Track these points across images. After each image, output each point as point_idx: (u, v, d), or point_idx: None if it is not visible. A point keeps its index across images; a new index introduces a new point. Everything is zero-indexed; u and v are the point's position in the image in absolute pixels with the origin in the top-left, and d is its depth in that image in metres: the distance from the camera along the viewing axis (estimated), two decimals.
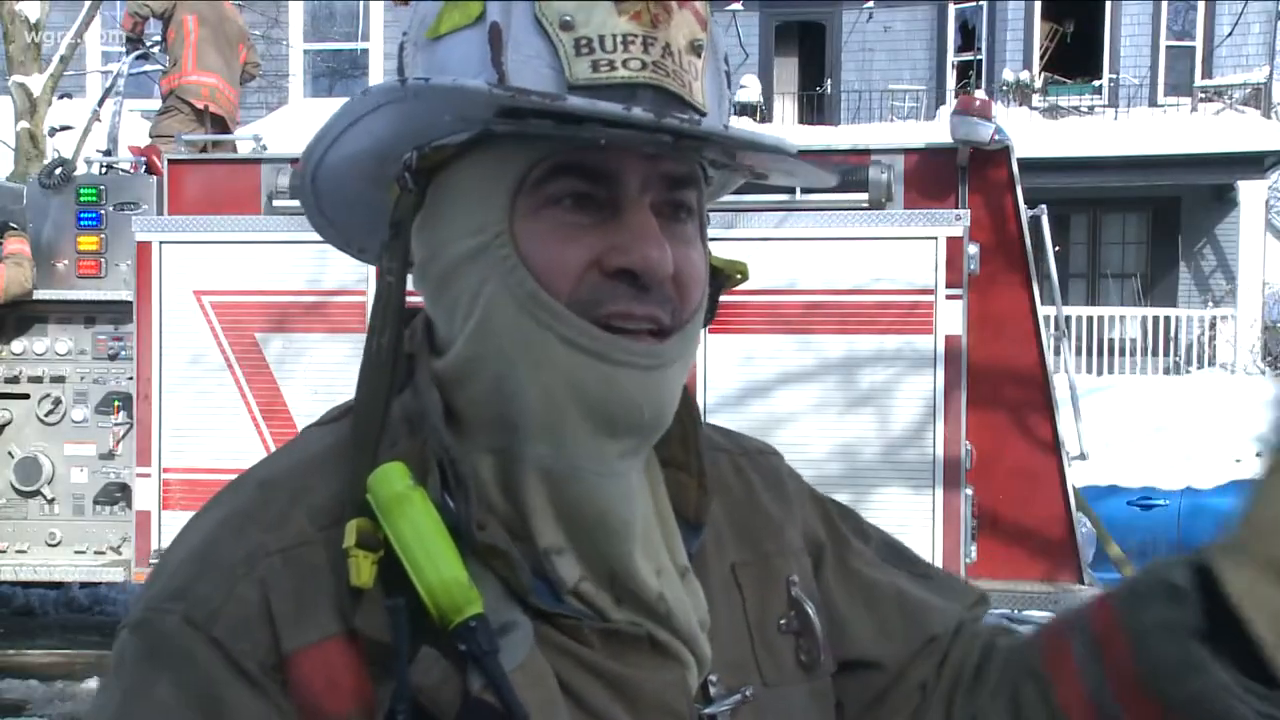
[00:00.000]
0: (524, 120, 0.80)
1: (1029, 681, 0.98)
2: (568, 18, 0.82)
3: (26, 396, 6.58)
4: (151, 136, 7.73)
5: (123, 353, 6.46)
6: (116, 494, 6.46)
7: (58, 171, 6.58)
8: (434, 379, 0.88)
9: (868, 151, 6.02)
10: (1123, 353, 15.32)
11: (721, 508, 1.00)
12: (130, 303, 6.24)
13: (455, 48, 0.85)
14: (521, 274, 0.83)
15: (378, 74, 17.37)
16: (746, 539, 1.02)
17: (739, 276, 0.97)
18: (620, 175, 0.84)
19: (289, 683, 0.80)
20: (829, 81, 18.71)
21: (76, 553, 6.52)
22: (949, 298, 5.61)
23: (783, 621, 1.00)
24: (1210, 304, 16.56)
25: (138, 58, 8.07)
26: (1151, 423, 9.35)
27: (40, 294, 6.49)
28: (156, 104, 8.18)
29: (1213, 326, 15.80)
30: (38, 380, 6.59)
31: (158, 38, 8.11)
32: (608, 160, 0.83)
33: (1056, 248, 6.78)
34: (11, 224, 6.47)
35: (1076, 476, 6.32)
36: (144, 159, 6.81)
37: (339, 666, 0.80)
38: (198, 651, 0.80)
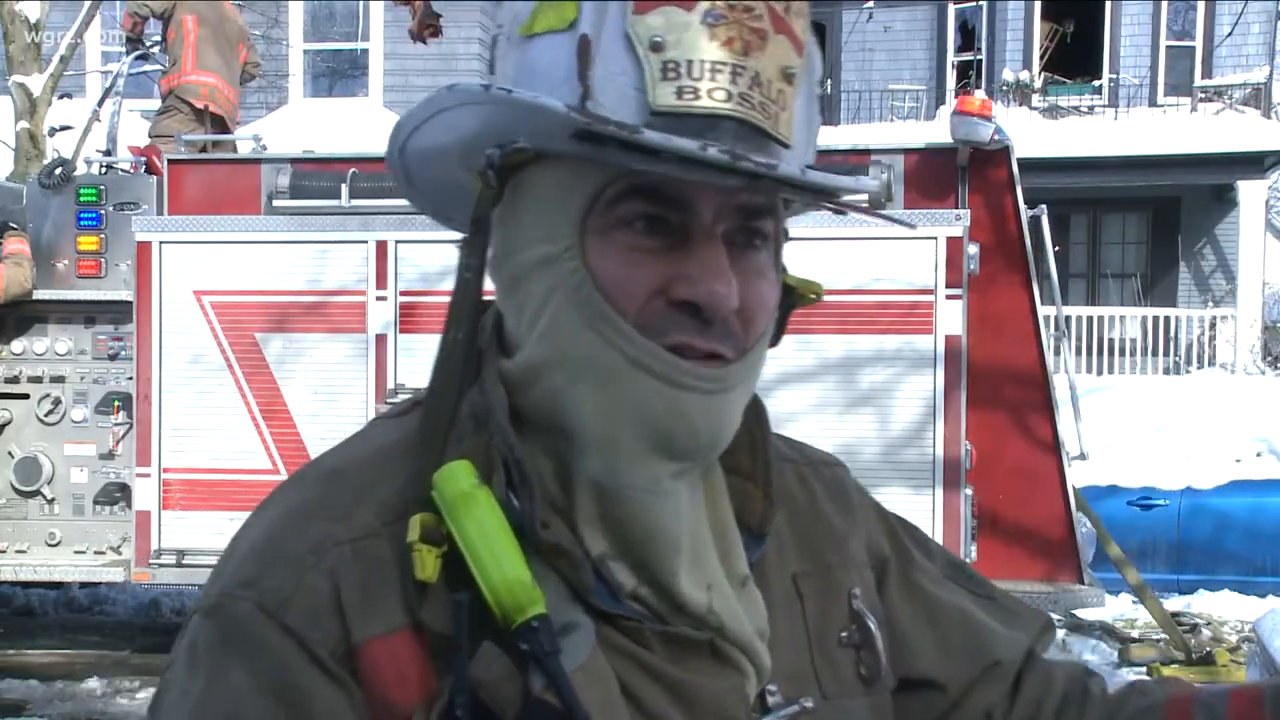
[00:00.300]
0: (598, 145, 0.80)
1: None
2: (658, 38, 0.80)
3: (26, 396, 6.58)
4: (151, 136, 7.73)
5: (123, 353, 6.46)
6: (116, 494, 6.46)
7: (58, 171, 6.58)
8: (500, 377, 0.88)
9: (868, 151, 6.02)
10: (1123, 353, 15.32)
11: (784, 517, 0.99)
12: (130, 303, 6.24)
13: (545, 51, 0.84)
14: (589, 290, 0.83)
15: (377, 74, 17.37)
16: (809, 550, 1.01)
17: (813, 296, 0.98)
18: (694, 204, 0.83)
19: (359, 672, 0.81)
20: (829, 81, 18.72)
21: (76, 553, 6.52)
22: (949, 298, 5.61)
23: (844, 634, 0.99)
24: (1210, 304, 16.56)
25: (137, 58, 8.06)
26: (1151, 423, 9.35)
27: (40, 294, 6.49)
28: (156, 104, 8.18)
29: (1213, 326, 15.80)
30: (38, 380, 6.58)
31: (157, 37, 8.10)
32: (682, 188, 0.83)
33: (1056, 248, 6.78)
34: (11, 224, 6.47)
35: (1076, 476, 6.32)
36: (144, 159, 6.80)
37: (406, 658, 0.81)
38: (271, 638, 0.81)
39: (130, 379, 6.33)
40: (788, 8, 0.84)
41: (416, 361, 5.93)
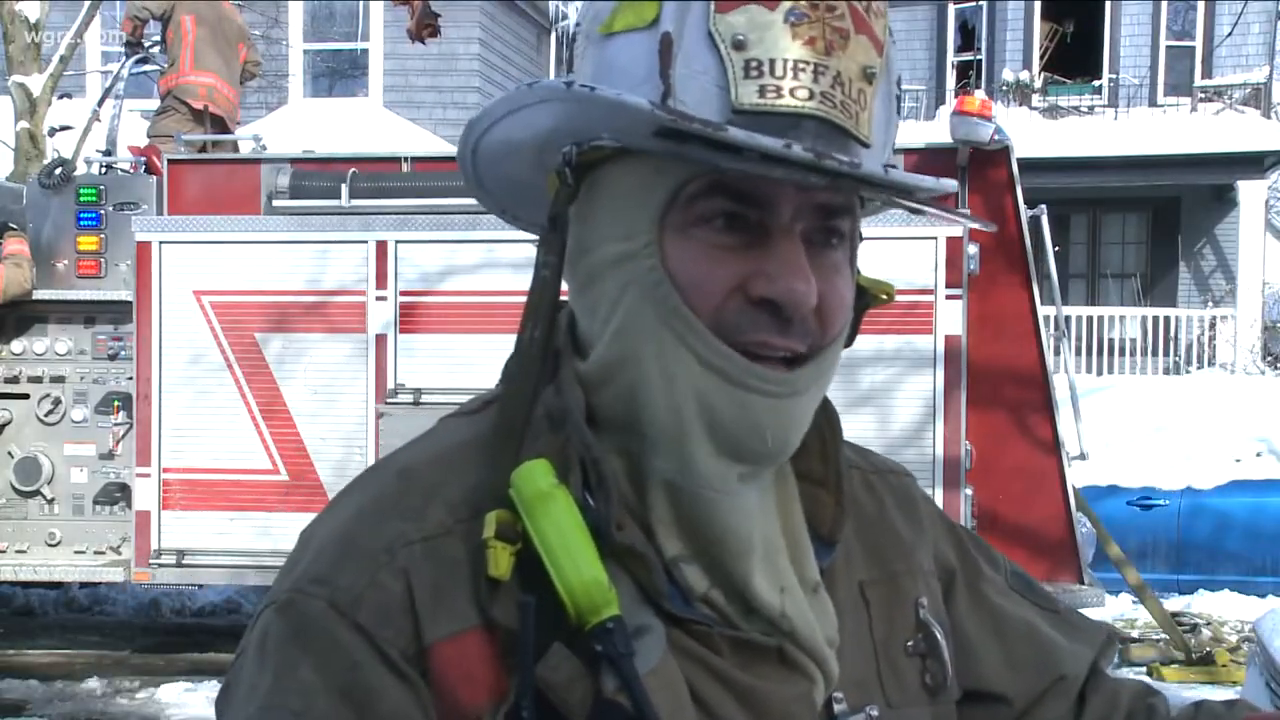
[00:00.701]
0: (681, 143, 0.79)
1: None
2: (741, 36, 0.80)
3: (26, 396, 6.59)
4: (150, 136, 7.72)
5: (122, 353, 6.46)
6: (116, 494, 6.46)
7: (58, 171, 6.58)
8: (576, 377, 0.88)
9: None
10: (1123, 353, 15.32)
11: (852, 525, 0.99)
12: (130, 303, 6.24)
13: (625, 49, 0.84)
14: (666, 288, 0.83)
15: (377, 74, 17.37)
16: (876, 558, 1.01)
17: (884, 296, 0.97)
18: (774, 202, 0.84)
19: (429, 673, 0.81)
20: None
21: (76, 553, 6.52)
22: (949, 298, 5.61)
23: (909, 643, 0.99)
24: (1210, 304, 16.56)
25: (137, 61, 8.06)
26: (1151, 423, 9.35)
27: (40, 294, 6.49)
28: (156, 104, 8.17)
29: (1212, 326, 15.80)
30: (37, 380, 6.59)
31: (157, 38, 8.10)
32: (762, 186, 0.83)
33: (1056, 248, 6.78)
34: (11, 224, 6.47)
35: (1076, 476, 6.32)
36: (144, 159, 6.80)
37: (476, 659, 0.81)
38: (342, 636, 0.80)
39: (130, 379, 6.33)
40: (869, 7, 0.84)
41: (416, 361, 5.93)
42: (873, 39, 0.84)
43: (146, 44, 8.06)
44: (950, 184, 0.88)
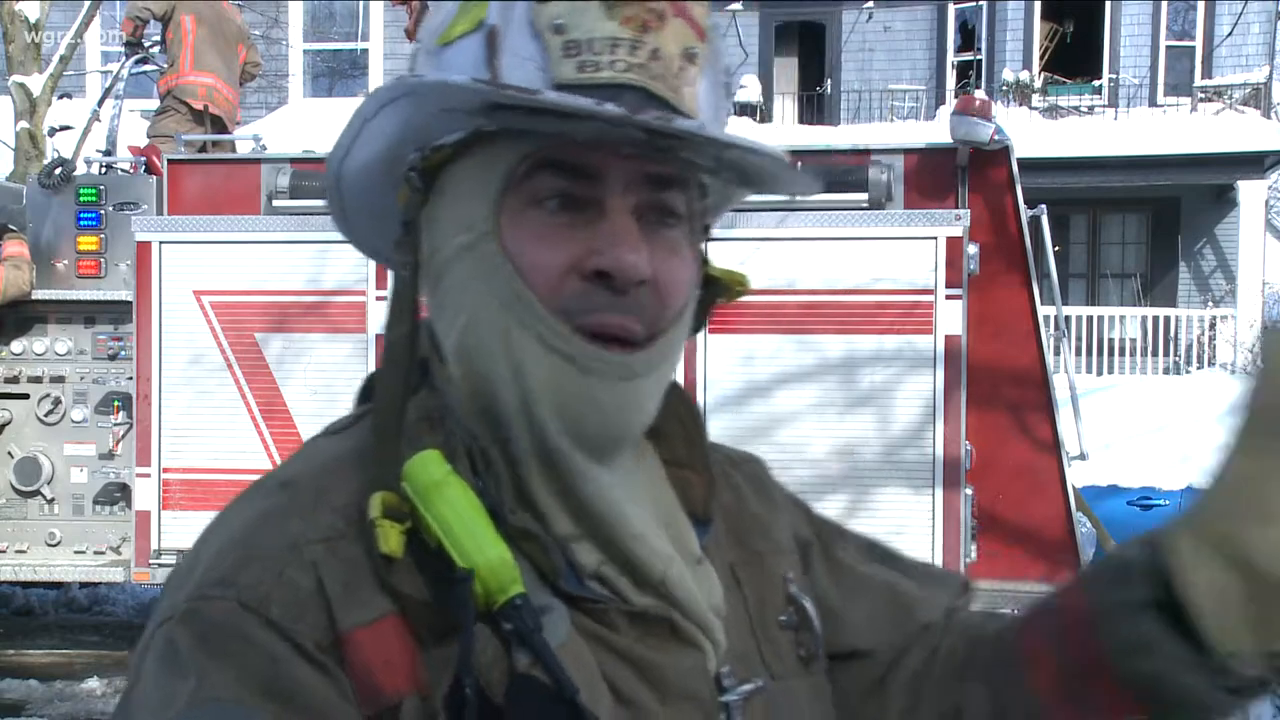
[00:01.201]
0: (508, 115, 0.83)
1: (1006, 668, 0.98)
2: (560, 21, 0.84)
3: (26, 396, 6.58)
4: (149, 136, 7.73)
5: (122, 353, 6.46)
6: (116, 494, 6.46)
7: (58, 171, 6.58)
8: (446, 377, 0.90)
9: (867, 151, 6.02)
10: (1123, 353, 15.32)
11: (718, 510, 1.02)
12: (130, 303, 6.24)
13: (458, 53, 0.88)
14: (507, 272, 0.86)
15: (377, 74, 17.37)
16: (740, 539, 1.04)
17: (738, 289, 0.99)
18: (602, 174, 0.85)
19: (346, 662, 0.80)
20: (829, 82, 18.71)
21: (76, 553, 6.52)
22: (949, 298, 5.61)
23: (782, 618, 1.02)
24: (1210, 304, 16.56)
25: (137, 61, 8.06)
26: (1151, 423, 9.35)
27: (40, 294, 6.49)
28: (156, 104, 8.17)
29: (1213, 326, 15.80)
30: (37, 380, 6.58)
31: (157, 38, 8.10)
32: (590, 158, 0.85)
33: (1056, 248, 6.78)
34: (11, 226, 6.47)
35: (1076, 476, 6.32)
36: (144, 159, 6.80)
37: (395, 645, 0.81)
38: (255, 634, 0.79)
39: (130, 379, 6.33)
40: None
41: None
42: (691, 24, 0.87)
43: (146, 44, 8.06)
44: (774, 147, 0.89)
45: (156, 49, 8.11)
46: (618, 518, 0.88)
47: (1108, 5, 17.42)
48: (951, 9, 18.25)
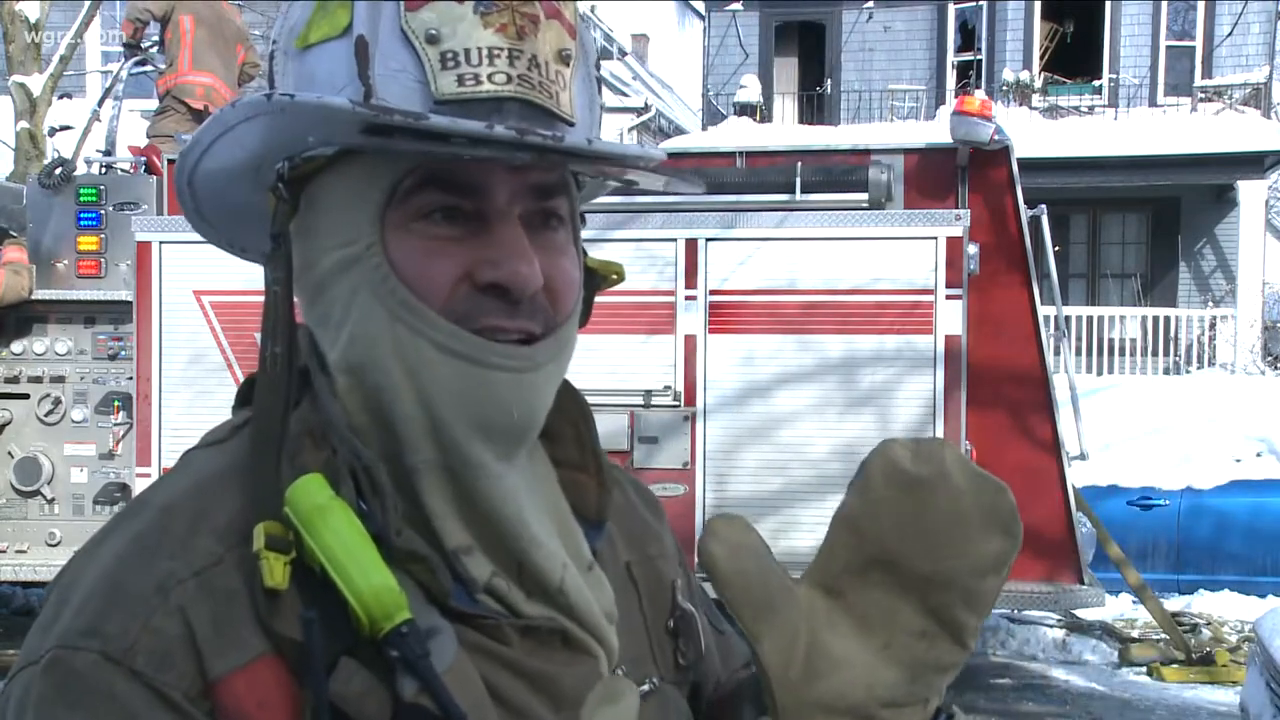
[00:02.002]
0: (388, 137, 0.80)
1: None
2: (433, 31, 0.82)
3: (26, 396, 6.58)
4: (149, 137, 7.72)
5: (122, 353, 6.46)
6: (116, 494, 6.46)
7: (58, 171, 6.58)
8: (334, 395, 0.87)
9: (868, 151, 6.02)
10: (1123, 353, 15.32)
11: (611, 511, 1.01)
12: (130, 303, 6.24)
13: (323, 59, 0.85)
14: (393, 283, 0.84)
15: None
16: (634, 542, 1.05)
17: (614, 277, 0.99)
18: (487, 188, 0.85)
19: (217, 709, 0.77)
20: (829, 81, 18.72)
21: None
22: (949, 298, 5.61)
23: (670, 623, 1.03)
24: (1210, 304, 16.56)
25: (137, 64, 8.05)
26: (1151, 423, 9.35)
27: (40, 294, 6.49)
28: (156, 104, 8.17)
29: (1212, 326, 15.80)
30: (37, 380, 6.59)
31: (156, 38, 8.09)
32: (474, 173, 0.84)
33: (1056, 248, 6.78)
34: (11, 232, 6.47)
35: (1076, 476, 6.33)
36: (144, 159, 6.80)
37: (269, 685, 0.79)
38: (118, 687, 0.76)
39: (130, 379, 6.33)
40: None
41: None
42: (564, 23, 0.86)
43: (145, 45, 8.05)
44: (659, 152, 0.89)
45: (155, 49, 8.10)
46: (518, 524, 0.87)
47: (1108, 5, 17.42)
48: (951, 9, 18.25)
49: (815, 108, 18.76)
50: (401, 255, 0.84)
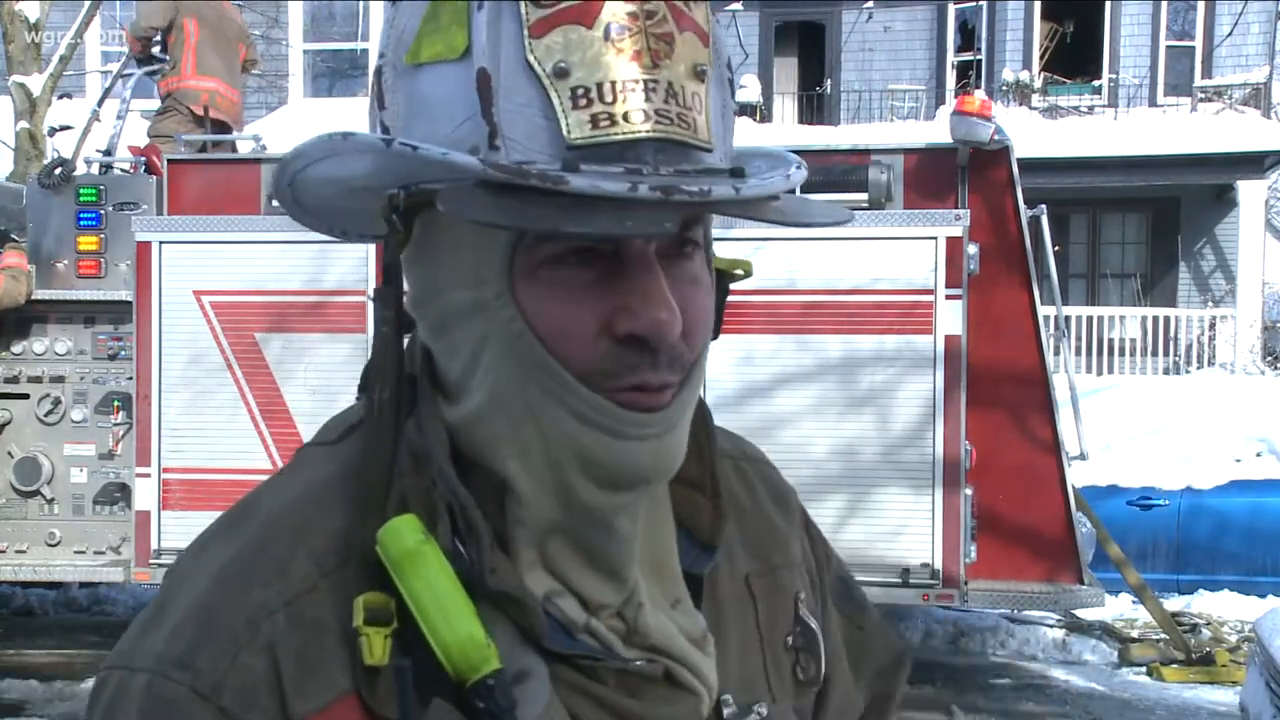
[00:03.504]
0: (518, 195, 0.76)
1: None
2: (562, 63, 0.76)
3: (26, 396, 6.59)
4: (150, 136, 7.72)
5: (122, 353, 6.46)
6: (116, 494, 6.46)
7: (57, 171, 6.58)
8: (439, 416, 0.85)
9: (867, 151, 6.02)
10: (1122, 353, 15.32)
11: (732, 517, 0.97)
12: (130, 303, 6.24)
13: (439, 83, 0.80)
14: (529, 340, 0.80)
15: None
16: (756, 550, 1.01)
17: (740, 273, 0.95)
18: None
19: None
20: (829, 81, 18.71)
21: (76, 553, 6.52)
22: (949, 298, 5.61)
23: (789, 638, 0.99)
24: (1210, 304, 16.56)
25: (148, 74, 8.03)
26: (1151, 423, 9.35)
27: (40, 294, 6.50)
28: (156, 104, 8.17)
29: (1212, 326, 15.80)
30: (37, 380, 6.59)
31: (157, 37, 8.07)
32: None
33: (1056, 248, 6.78)
34: (13, 236, 6.47)
35: (1076, 476, 6.33)
36: (144, 159, 6.80)
37: None
38: None
39: (130, 379, 6.33)
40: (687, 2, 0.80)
41: None
42: (698, 32, 0.80)
43: (155, 52, 8.01)
44: (799, 174, 0.86)
45: (157, 48, 8.07)
46: (613, 574, 0.85)
47: (1108, 5, 17.42)
48: (951, 9, 18.25)
49: (815, 108, 18.76)
50: (534, 306, 0.80)
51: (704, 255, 0.87)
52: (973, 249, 5.64)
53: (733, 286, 0.95)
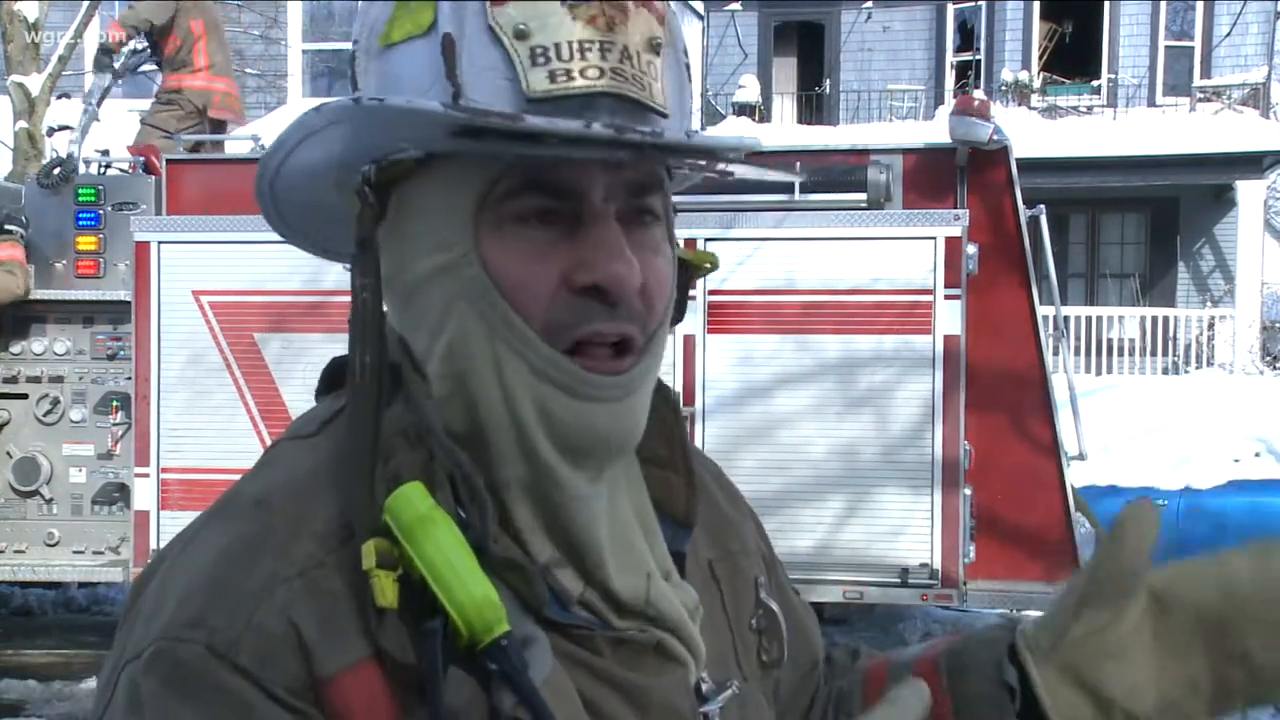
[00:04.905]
0: (481, 138, 0.79)
1: None
2: (522, 26, 0.80)
3: (25, 396, 6.58)
4: (142, 123, 7.68)
5: (121, 353, 6.46)
6: (115, 494, 6.46)
7: (56, 171, 6.58)
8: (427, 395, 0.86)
9: (866, 151, 6.02)
10: (1121, 353, 15.33)
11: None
12: (129, 303, 6.24)
13: (408, 58, 0.84)
14: (493, 295, 0.83)
15: None
16: (715, 537, 1.03)
17: (708, 266, 0.98)
18: (583, 189, 0.83)
19: (326, 708, 0.78)
20: (828, 82, 18.72)
21: (75, 553, 6.52)
22: (948, 298, 5.61)
23: (752, 621, 1.02)
24: (1209, 304, 16.57)
25: (133, 57, 7.95)
26: (1150, 423, 9.36)
27: (39, 294, 6.49)
28: (149, 104, 8.12)
29: (1211, 326, 15.81)
30: (36, 380, 6.58)
31: (136, 47, 7.93)
32: (570, 174, 0.83)
33: (1055, 248, 6.78)
34: (8, 227, 6.45)
35: (1075, 476, 6.32)
36: (142, 159, 6.80)
37: (377, 689, 0.79)
38: (225, 680, 0.77)
39: (129, 379, 6.33)
40: None
41: None
42: (652, 10, 0.84)
43: (119, 59, 7.86)
44: (752, 140, 0.88)
45: (141, 46, 7.98)
46: (599, 549, 0.87)
47: (1106, 5, 17.43)
48: (951, 9, 18.26)
49: (814, 108, 18.76)
50: (498, 263, 0.83)
51: (664, 230, 0.90)
52: (972, 249, 5.64)
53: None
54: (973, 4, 18.01)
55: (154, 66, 8.06)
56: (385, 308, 0.88)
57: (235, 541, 0.82)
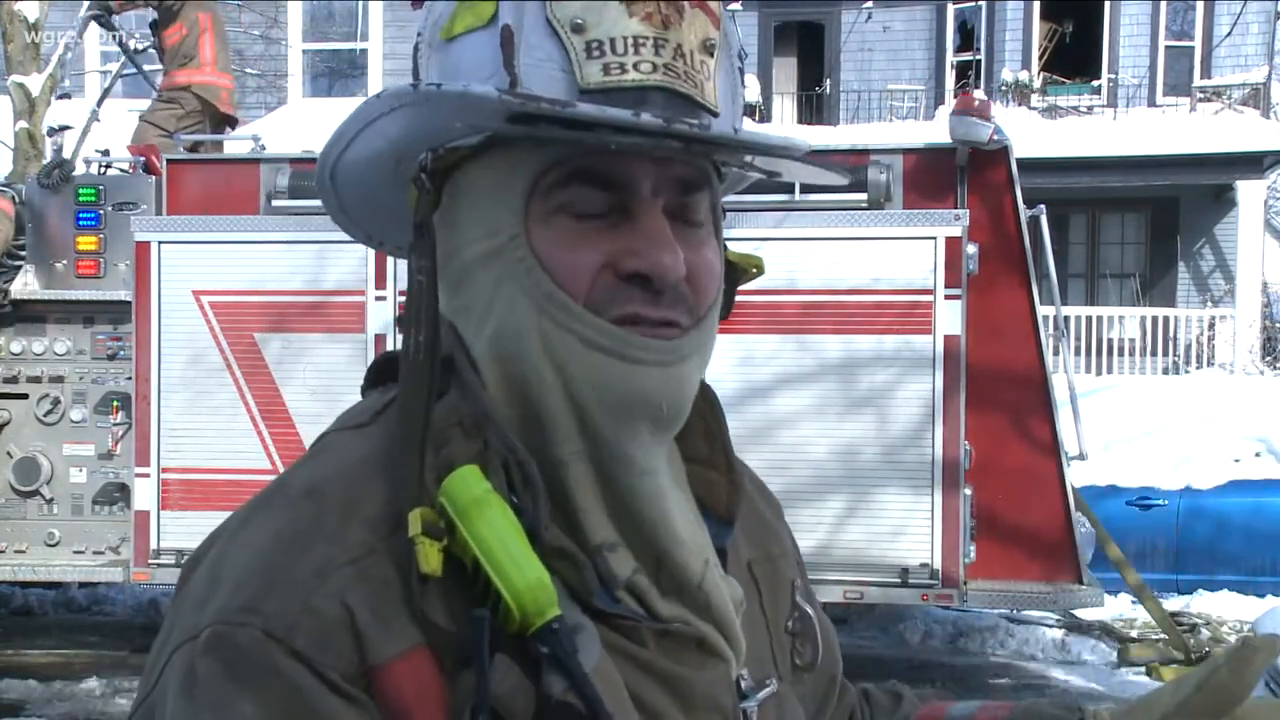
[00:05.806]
0: (534, 125, 0.81)
1: None
2: (579, 20, 0.82)
3: (25, 396, 6.58)
4: (142, 120, 7.67)
5: (121, 353, 6.46)
6: (115, 494, 6.46)
7: (57, 171, 6.58)
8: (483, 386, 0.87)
9: (867, 151, 6.02)
10: (1121, 353, 15.32)
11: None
12: (129, 303, 6.24)
13: (468, 50, 0.86)
14: (538, 275, 0.84)
15: (377, 74, 17.37)
16: (754, 539, 1.04)
17: (754, 270, 0.98)
18: (632, 181, 0.85)
19: (376, 694, 0.78)
20: (828, 82, 18.71)
21: (75, 553, 6.52)
22: (948, 298, 5.61)
23: (788, 623, 1.03)
24: (1209, 304, 16.57)
25: (101, 19, 7.94)
26: (1150, 423, 9.35)
27: (39, 294, 6.50)
28: (144, 105, 8.12)
29: (1211, 326, 15.80)
30: (36, 380, 6.58)
31: (139, 37, 7.96)
32: (619, 166, 0.84)
33: (1055, 248, 6.78)
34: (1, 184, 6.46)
35: (1076, 476, 6.33)
36: (143, 159, 6.80)
37: (427, 676, 0.79)
38: (282, 664, 0.77)
39: (129, 379, 6.33)
40: None
41: None
42: (708, 13, 0.86)
43: (117, 25, 7.92)
44: (803, 142, 0.89)
45: (123, 37, 7.99)
46: (664, 519, 0.87)
47: (1107, 5, 17.42)
48: (951, 9, 18.25)
49: (814, 108, 18.76)
50: (545, 247, 0.85)
51: (712, 228, 0.91)
52: (972, 249, 5.64)
53: (749, 280, 0.97)
54: (973, 4, 18.00)
55: (155, 65, 8.05)
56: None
57: (287, 528, 0.83)
